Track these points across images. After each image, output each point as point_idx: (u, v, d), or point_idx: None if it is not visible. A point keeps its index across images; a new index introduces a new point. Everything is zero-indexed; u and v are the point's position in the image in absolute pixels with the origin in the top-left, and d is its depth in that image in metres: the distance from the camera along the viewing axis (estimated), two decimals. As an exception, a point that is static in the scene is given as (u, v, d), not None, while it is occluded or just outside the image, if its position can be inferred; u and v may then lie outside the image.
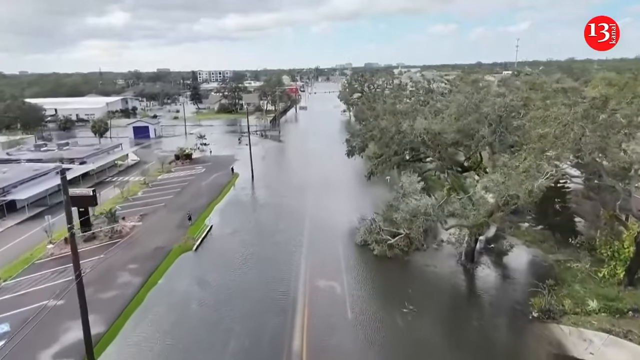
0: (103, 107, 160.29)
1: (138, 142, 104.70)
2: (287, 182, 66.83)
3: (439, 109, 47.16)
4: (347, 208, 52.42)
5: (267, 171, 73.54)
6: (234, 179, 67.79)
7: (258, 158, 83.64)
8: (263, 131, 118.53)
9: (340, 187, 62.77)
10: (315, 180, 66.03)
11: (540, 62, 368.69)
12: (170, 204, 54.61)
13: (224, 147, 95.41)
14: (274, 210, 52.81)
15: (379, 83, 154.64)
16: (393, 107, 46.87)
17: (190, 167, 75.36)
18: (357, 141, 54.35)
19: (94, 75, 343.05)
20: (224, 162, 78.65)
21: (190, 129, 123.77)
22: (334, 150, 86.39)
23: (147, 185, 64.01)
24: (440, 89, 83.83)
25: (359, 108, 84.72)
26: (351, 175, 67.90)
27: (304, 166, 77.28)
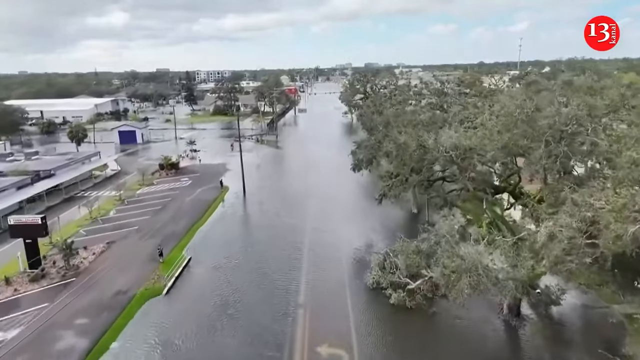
0: (91, 109, 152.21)
1: (124, 148, 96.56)
2: (283, 197, 58.66)
3: (466, 118, 39.13)
4: (353, 233, 44.28)
5: (262, 184, 65.38)
6: (222, 193, 59.63)
7: (252, 167, 75.51)
8: (259, 135, 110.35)
9: (345, 205, 54.62)
10: (316, 196, 57.89)
11: (543, 62, 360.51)
12: (145, 227, 46.45)
13: (216, 153, 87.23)
14: (266, 236, 44.66)
15: (383, 84, 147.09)
16: (413, 116, 38.49)
17: (175, 179, 67.17)
18: (365, 153, 46.24)
19: (90, 76, 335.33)
20: (214, 173, 70.51)
21: (183, 133, 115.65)
22: (337, 158, 78.35)
23: (122, 201, 55.87)
24: (454, 90, 75.93)
25: (364, 112, 76.64)
26: (357, 190, 59.80)
27: (303, 178, 69.10)
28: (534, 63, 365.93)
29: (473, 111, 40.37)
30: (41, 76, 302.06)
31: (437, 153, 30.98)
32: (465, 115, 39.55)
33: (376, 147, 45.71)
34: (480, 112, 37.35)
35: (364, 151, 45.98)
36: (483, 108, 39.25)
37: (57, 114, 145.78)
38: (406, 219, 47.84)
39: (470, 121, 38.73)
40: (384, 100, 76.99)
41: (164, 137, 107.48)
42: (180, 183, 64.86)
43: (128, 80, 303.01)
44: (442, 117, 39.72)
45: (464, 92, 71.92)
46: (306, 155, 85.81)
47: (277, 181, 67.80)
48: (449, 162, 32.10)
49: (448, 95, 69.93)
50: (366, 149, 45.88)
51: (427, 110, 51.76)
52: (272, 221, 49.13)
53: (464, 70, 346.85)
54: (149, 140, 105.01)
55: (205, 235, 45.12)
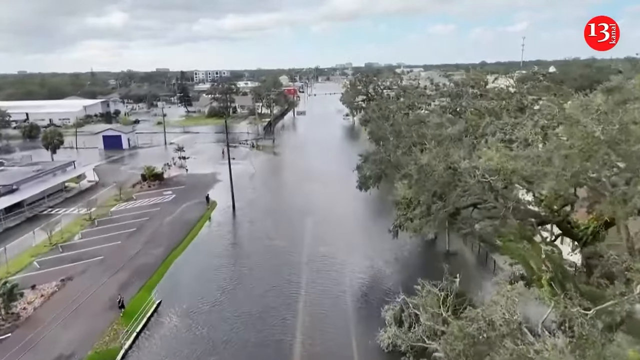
0: (80, 111, 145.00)
1: (108, 155, 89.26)
2: (278, 216, 51.31)
3: (500, 129, 31.83)
4: (359, 265, 37.00)
5: (255, 198, 58.08)
6: (209, 211, 52.30)
7: (245, 178, 68.23)
8: (255, 140, 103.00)
9: (348, 226, 47.25)
10: (316, 214, 50.58)
11: (545, 62, 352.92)
12: (112, 257, 39.15)
13: (207, 161, 79.90)
14: (256, 268, 37.36)
15: (386, 84, 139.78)
16: (438, 129, 31.03)
17: (157, 192, 59.84)
18: (372, 168, 38.87)
19: (86, 76, 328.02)
20: (202, 184, 63.24)
21: (174, 137, 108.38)
22: (339, 166, 71.17)
23: (92, 222, 48.59)
24: (468, 92, 68.60)
25: (369, 117, 69.39)
26: (362, 207, 52.43)
27: (301, 191, 61.73)
28: (535, 63, 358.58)
29: (508, 121, 33.08)
30: (35, 76, 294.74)
31: (472, 179, 23.64)
32: (498, 126, 32.27)
33: (386, 162, 38.43)
34: (519, 123, 30.13)
35: (372, 166, 38.64)
36: (522, 118, 31.89)
37: (44, 116, 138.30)
38: (422, 246, 40.47)
39: (504, 132, 31.44)
40: (390, 103, 69.68)
41: (152, 142, 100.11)
42: (163, 197, 57.53)
43: (124, 81, 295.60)
44: (468, 129, 32.46)
45: (478, 94, 64.56)
46: (305, 164, 78.44)
47: (272, 195, 60.38)
48: (487, 189, 24.74)
49: (462, 98, 62.61)
50: (374, 164, 38.52)
51: (439, 114, 44.52)
52: (264, 248, 41.82)
53: (467, 70, 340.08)
54: (135, 146, 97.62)
55: (183, 268, 37.79)
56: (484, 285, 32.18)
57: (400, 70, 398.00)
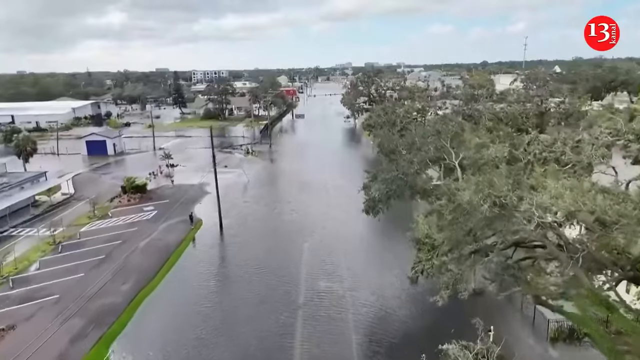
0: (68, 113, 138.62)
1: (91, 162, 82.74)
2: (272, 238, 44.78)
3: (547, 147, 25.43)
4: (369, 311, 30.56)
5: (246, 215, 51.56)
6: (192, 231, 45.83)
7: (236, 190, 61.80)
8: (251, 145, 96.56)
9: (354, 254, 40.70)
10: (316, 236, 44.09)
11: (547, 62, 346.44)
12: (70, 295, 32.65)
13: (197, 169, 73.18)
14: (242, 313, 30.86)
15: (389, 85, 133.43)
16: (478, 152, 24.34)
17: (136, 209, 53.30)
18: (382, 189, 32.34)
19: (82, 76, 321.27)
20: (189, 198, 56.79)
21: (165, 141, 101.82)
22: (340, 177, 64.80)
23: (56, 246, 42.10)
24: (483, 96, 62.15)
25: (373, 121, 62.95)
26: (369, 229, 45.74)
27: (299, 205, 55.18)
28: (537, 62, 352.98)
29: (556, 136, 26.70)
30: (28, 76, 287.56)
31: (528, 222, 17.13)
32: (545, 143, 25.82)
33: (399, 181, 31.94)
34: (571, 140, 23.82)
35: (381, 186, 32.10)
36: (576, 133, 25.54)
37: (31, 118, 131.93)
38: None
39: (552, 151, 25.00)
40: (397, 106, 63.22)
41: (140, 148, 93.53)
42: (142, 214, 51.00)
43: (120, 81, 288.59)
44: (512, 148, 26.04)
45: (494, 97, 58.11)
46: (304, 173, 71.86)
47: (266, 211, 53.74)
48: (547, 228, 18.21)
49: (478, 102, 56.23)
50: (384, 184, 31.99)
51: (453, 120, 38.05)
52: (254, 281, 35.34)
53: (468, 70, 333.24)
54: (122, 151, 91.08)
55: (153, 311, 31.30)
56: (526, 342, 25.73)
57: (400, 70, 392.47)
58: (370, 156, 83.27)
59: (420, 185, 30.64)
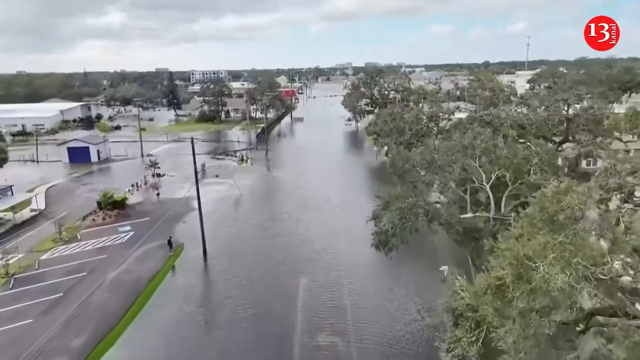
0: (56, 116, 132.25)
1: (72, 170, 76.32)
2: (264, 269, 38.37)
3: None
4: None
5: (235, 238, 45.10)
6: (171, 260, 39.45)
7: (227, 204, 55.47)
8: (246, 151, 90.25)
9: (361, 295, 34.31)
10: (316, 268, 37.69)
11: (549, 62, 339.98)
12: (7, 352, 26.28)
13: (185, 179, 66.62)
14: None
15: (393, 86, 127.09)
16: (555, 198, 17.79)
17: (110, 229, 46.86)
18: (396, 221, 25.89)
19: (79, 76, 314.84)
20: (172, 215, 50.08)
21: (155, 147, 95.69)
22: (343, 189, 58.41)
23: (8, 279, 35.70)
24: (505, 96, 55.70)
25: (379, 128, 56.57)
26: (381, 264, 39.29)
27: (297, 226, 48.81)
28: (539, 62, 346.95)
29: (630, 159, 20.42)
30: (22, 77, 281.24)
31: None
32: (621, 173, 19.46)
33: (418, 209, 25.57)
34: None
35: (395, 218, 25.68)
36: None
37: (17, 121, 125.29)
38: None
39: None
40: (405, 112, 56.78)
41: (127, 154, 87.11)
42: (116, 237, 44.62)
43: (116, 82, 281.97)
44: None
45: (516, 102, 51.64)
46: (303, 184, 65.39)
47: (257, 233, 47.10)
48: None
49: (498, 106, 49.85)
50: (399, 214, 25.58)
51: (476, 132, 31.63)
52: (238, 334, 28.95)
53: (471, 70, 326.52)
54: (107, 158, 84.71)
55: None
56: None
57: (402, 70, 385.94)
58: (374, 164, 76.96)
59: (445, 218, 24.28)
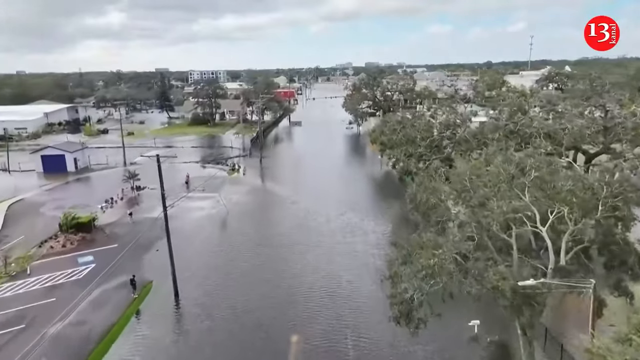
0: (40, 119, 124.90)
1: (45, 181, 69.00)
2: (247, 319, 31.00)
3: None
4: None
5: (216, 274, 37.72)
6: (133, 306, 32.09)
7: (211, 227, 48.13)
8: (238, 158, 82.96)
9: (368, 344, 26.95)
10: (315, 326, 30.36)
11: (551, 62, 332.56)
12: None
13: (169, 193, 59.19)
14: None
15: (396, 87, 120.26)
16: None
17: (69, 259, 39.47)
18: (420, 283, 18.41)
19: (75, 76, 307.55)
20: (143, 241, 42.39)
21: (142, 153, 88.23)
22: (347, 209, 51.08)
23: None
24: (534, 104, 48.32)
25: (387, 138, 49.21)
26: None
27: (291, 259, 41.48)
28: (541, 62, 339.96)
29: None
30: (12, 77, 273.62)
31: None
32: None
33: (446, 266, 18.20)
34: None
35: (419, 279, 18.25)
36: None
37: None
38: None
39: None
40: (416, 119, 49.42)
41: (109, 162, 79.72)
42: (74, 271, 37.28)
43: (112, 82, 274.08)
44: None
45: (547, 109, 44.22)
46: (299, 199, 57.91)
47: (243, 266, 39.64)
48: None
49: (527, 113, 42.51)
50: (426, 275, 18.14)
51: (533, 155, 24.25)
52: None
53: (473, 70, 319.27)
54: (87, 167, 77.31)
55: None
56: None
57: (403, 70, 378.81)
58: (379, 174, 69.63)
59: (493, 283, 16.95)
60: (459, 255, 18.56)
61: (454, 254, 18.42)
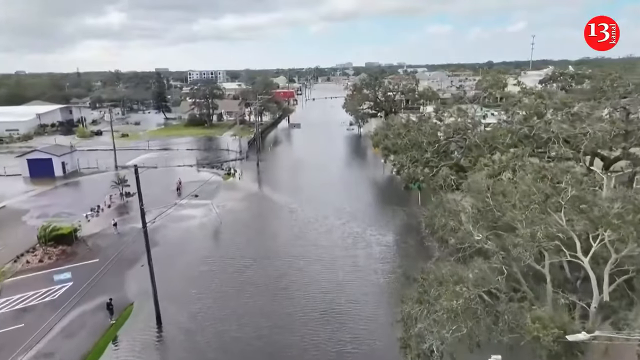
0: (32, 120, 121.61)
1: (31, 187, 65.75)
2: (237, 351, 27.73)
3: None
4: None
5: (205, 294, 34.38)
6: (109, 333, 28.72)
7: (201, 239, 44.80)
8: (235, 161, 79.72)
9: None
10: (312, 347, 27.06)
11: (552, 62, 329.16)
12: None
13: (156, 201, 55.85)
14: None
15: (398, 88, 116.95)
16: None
17: (44, 276, 36.12)
18: (441, 327, 15.03)
19: (73, 76, 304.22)
20: (128, 255, 39.07)
21: (133, 157, 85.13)
22: (350, 218, 47.72)
23: None
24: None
25: (390, 143, 45.88)
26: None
27: (290, 282, 38.15)
28: (541, 62, 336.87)
29: None
30: (11, 77, 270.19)
31: None
32: None
33: (474, 309, 14.85)
34: None
35: (441, 322, 14.94)
36: None
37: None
38: None
39: None
40: (422, 122, 46.06)
41: (99, 166, 76.36)
42: (48, 290, 33.93)
43: (111, 82, 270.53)
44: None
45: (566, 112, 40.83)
46: (298, 207, 54.53)
47: (236, 286, 36.35)
48: None
49: (545, 115, 39.17)
50: (447, 319, 14.83)
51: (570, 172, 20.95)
52: None
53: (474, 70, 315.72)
54: (76, 171, 73.99)
55: None
56: None
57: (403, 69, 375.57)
58: (381, 179, 66.34)
59: (532, 332, 13.59)
60: (487, 293, 15.25)
61: (482, 292, 15.11)
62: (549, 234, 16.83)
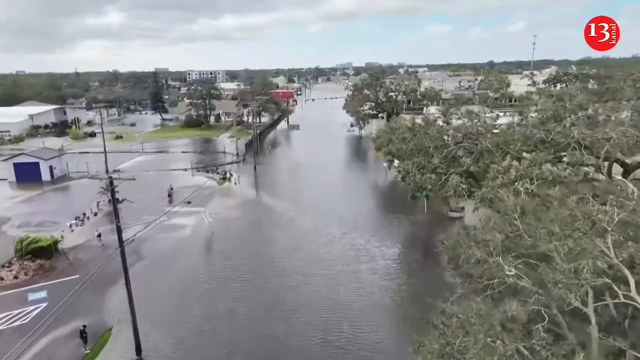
0: (24, 122, 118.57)
1: (16, 193, 62.76)
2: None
3: None
4: None
5: (192, 316, 31.30)
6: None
7: (192, 251, 41.64)
8: (231, 164, 76.60)
9: None
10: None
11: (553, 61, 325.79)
12: None
13: (146, 208, 52.84)
14: None
15: (401, 89, 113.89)
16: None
17: (17, 295, 33.01)
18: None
19: (71, 76, 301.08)
20: (110, 270, 36.04)
21: (128, 158, 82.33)
22: (351, 226, 44.59)
23: None
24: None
25: (395, 148, 42.77)
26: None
27: (287, 302, 35.07)
28: (542, 62, 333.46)
29: None
30: (8, 77, 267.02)
31: None
32: None
33: None
34: None
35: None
36: None
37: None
38: None
39: None
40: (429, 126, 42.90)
41: (89, 170, 73.20)
42: (20, 312, 30.83)
43: (109, 82, 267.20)
44: None
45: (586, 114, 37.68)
46: (297, 215, 51.39)
47: (228, 306, 33.23)
48: None
49: (565, 120, 36.01)
50: None
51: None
52: None
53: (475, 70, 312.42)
54: (64, 176, 70.91)
55: None
56: None
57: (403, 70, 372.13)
58: (384, 184, 63.28)
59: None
60: (525, 347, 12.21)
61: (520, 345, 12.05)
62: (597, 269, 13.76)
